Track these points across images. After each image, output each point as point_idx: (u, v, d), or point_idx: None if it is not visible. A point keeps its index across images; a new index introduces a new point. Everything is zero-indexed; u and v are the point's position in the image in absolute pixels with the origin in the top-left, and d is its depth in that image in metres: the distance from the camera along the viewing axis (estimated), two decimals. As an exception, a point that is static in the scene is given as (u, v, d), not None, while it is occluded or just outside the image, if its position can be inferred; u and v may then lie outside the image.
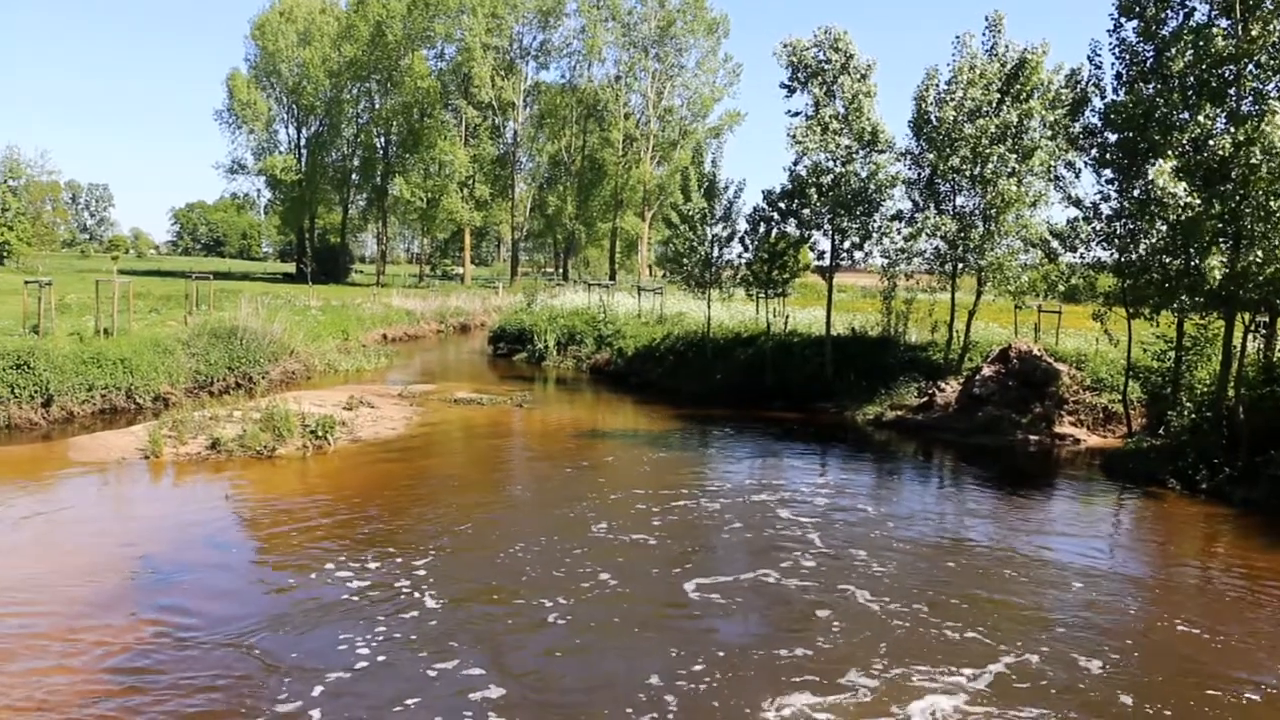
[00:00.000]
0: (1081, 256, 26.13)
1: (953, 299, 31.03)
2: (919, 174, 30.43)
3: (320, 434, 21.74)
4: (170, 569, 13.60)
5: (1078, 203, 25.14)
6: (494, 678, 10.41)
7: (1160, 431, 23.31)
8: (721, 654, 11.15)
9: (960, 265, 30.04)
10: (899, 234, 30.97)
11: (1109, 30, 22.97)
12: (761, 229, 33.60)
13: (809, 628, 12.11)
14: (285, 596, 12.59)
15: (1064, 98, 25.68)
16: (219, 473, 19.44)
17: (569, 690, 10.29)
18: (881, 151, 30.90)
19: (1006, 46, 28.69)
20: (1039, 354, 27.47)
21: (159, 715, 9.41)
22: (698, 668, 10.73)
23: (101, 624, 11.48)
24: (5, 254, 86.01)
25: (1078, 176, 26.11)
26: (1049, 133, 27.72)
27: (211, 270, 55.07)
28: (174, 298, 45.76)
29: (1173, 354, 24.17)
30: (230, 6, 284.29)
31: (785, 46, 31.16)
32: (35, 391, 23.63)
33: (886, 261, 31.91)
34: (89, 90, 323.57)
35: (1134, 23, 22.47)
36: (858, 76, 30.56)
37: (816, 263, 33.36)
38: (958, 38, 29.23)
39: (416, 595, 12.71)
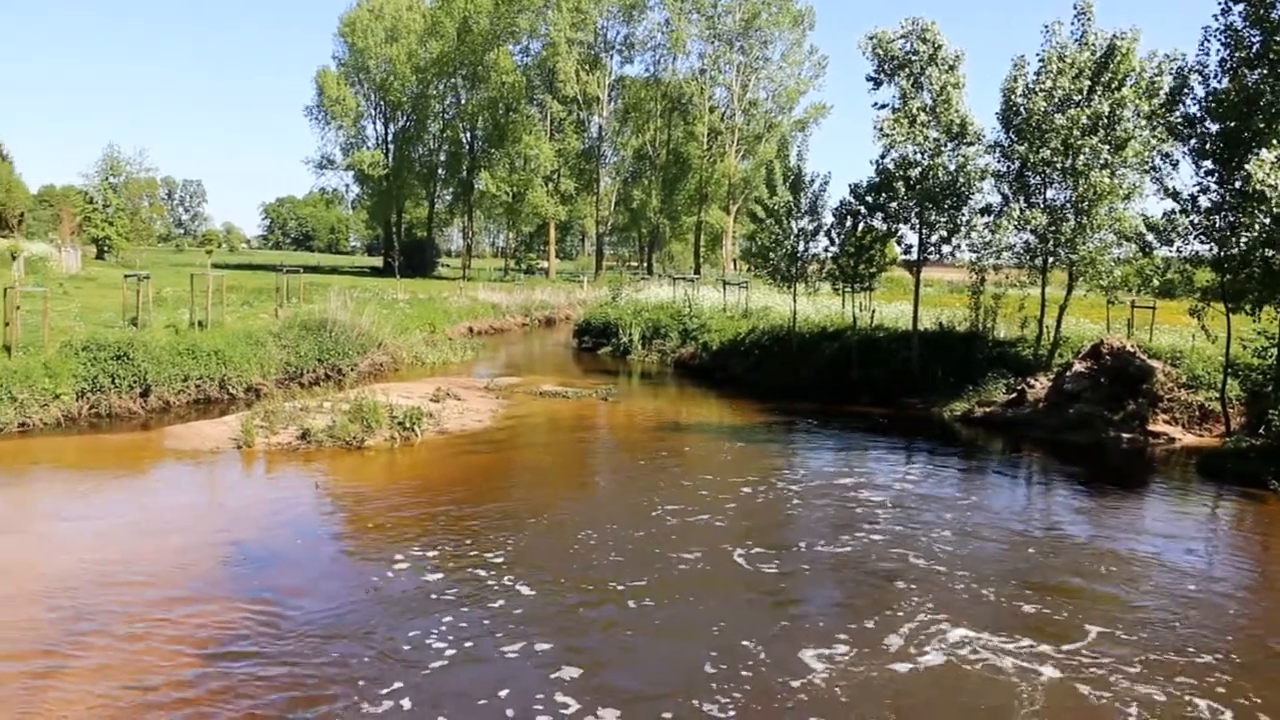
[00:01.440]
0: (1178, 250, 25.45)
1: (1043, 294, 30.49)
2: (1008, 167, 29.88)
3: (408, 426, 21.99)
4: (261, 555, 13.87)
5: (1175, 195, 24.53)
6: (575, 661, 10.46)
7: (1261, 431, 22.64)
8: (800, 628, 11.08)
9: (1051, 259, 29.50)
10: (987, 228, 30.49)
11: (1215, 14, 22.40)
12: (848, 223, 33.29)
13: (887, 600, 12.03)
14: (372, 584, 12.75)
15: (1160, 85, 25.05)
16: (309, 463, 19.77)
17: (649, 671, 10.29)
18: (970, 144, 30.41)
19: (1096, 34, 28.06)
20: (1132, 350, 26.87)
21: (250, 695, 9.59)
22: (777, 648, 10.67)
23: (196, 606, 11.74)
24: (105, 248, 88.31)
25: (1175, 167, 25.44)
26: (1143, 122, 27.09)
27: (301, 264, 56.05)
28: (265, 291, 46.66)
29: (1275, 350, 23.47)
30: (321, 5, 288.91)
31: (871, 39, 30.82)
32: (134, 381, 24.21)
33: (975, 256, 31.46)
34: (185, 90, 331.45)
35: (1241, 6, 21.85)
36: (946, 68, 30.11)
37: (903, 257, 33.02)
38: (1046, 26, 28.67)
39: (502, 583, 12.79)
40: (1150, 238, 26.13)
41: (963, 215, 30.80)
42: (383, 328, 36.24)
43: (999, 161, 30.18)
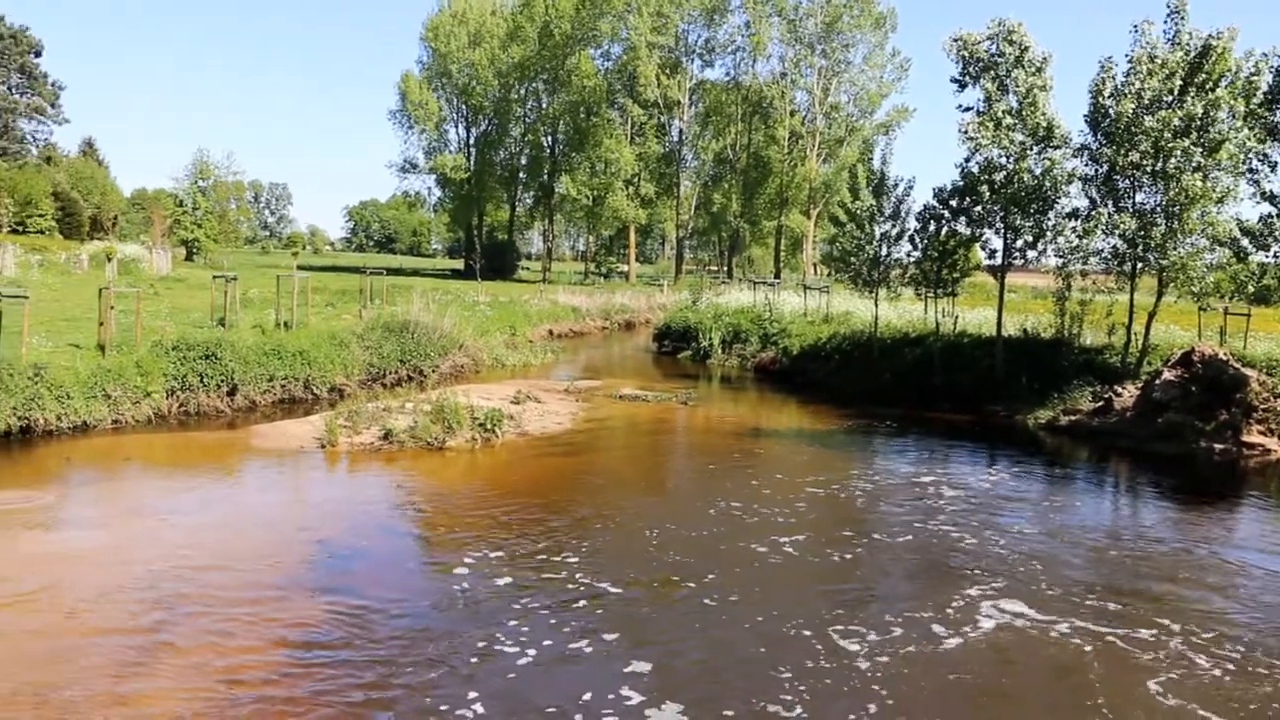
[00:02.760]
0: (1275, 255, 24.80)
1: (1131, 300, 29.86)
2: (1096, 170, 29.32)
3: (488, 427, 22.16)
4: (345, 553, 14.07)
5: (1272, 198, 23.90)
6: (650, 658, 10.49)
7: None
8: (879, 619, 10.99)
9: (1140, 265, 28.88)
10: (1074, 232, 29.94)
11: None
12: (931, 227, 32.94)
13: (962, 594, 11.88)
14: (452, 584, 12.86)
15: (1258, 85, 24.37)
16: (391, 463, 20.00)
17: (726, 669, 10.25)
18: (1057, 147, 29.90)
19: (1190, 34, 27.41)
20: (1225, 358, 26.20)
21: (332, 691, 9.73)
22: (852, 646, 10.58)
23: (282, 602, 11.94)
24: (194, 250, 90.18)
25: (1274, 170, 24.78)
26: (1239, 124, 26.43)
27: (383, 266, 56.68)
28: (348, 292, 47.32)
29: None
30: (404, 10, 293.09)
31: (956, 40, 30.45)
32: (221, 381, 24.69)
33: (1060, 261, 30.92)
34: (273, 94, 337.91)
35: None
36: (1032, 70, 29.62)
37: (987, 262, 32.50)
38: (1135, 26, 28.06)
39: (581, 583, 12.85)
40: (1245, 242, 25.49)
41: (1049, 220, 30.28)
42: (464, 330, 36.57)
43: (1086, 165, 29.62)
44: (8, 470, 18.15)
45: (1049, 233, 30.34)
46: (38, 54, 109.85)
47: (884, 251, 35.10)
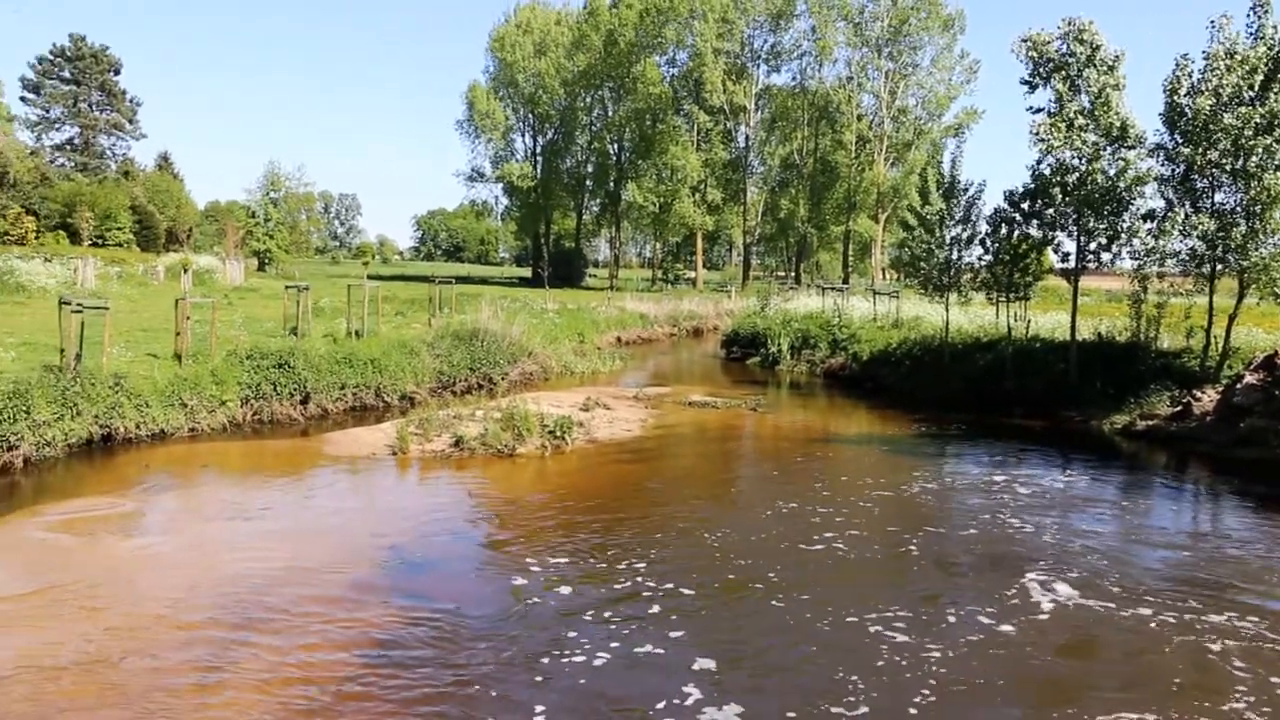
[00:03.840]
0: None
1: (1210, 302, 29.19)
2: (1173, 170, 28.73)
3: (558, 434, 22.21)
4: (417, 560, 14.19)
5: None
6: (719, 661, 10.45)
7: None
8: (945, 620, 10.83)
9: (1219, 266, 28.26)
10: (1150, 234, 29.37)
11: None
12: (1002, 230, 32.49)
13: (1032, 591, 11.65)
14: (524, 590, 12.90)
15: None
16: (461, 470, 20.13)
17: (790, 671, 10.16)
18: (1131, 147, 29.34)
19: (1275, 27, 26.75)
20: (1309, 361, 25.56)
21: (404, 697, 9.79)
22: (926, 652, 10.45)
23: (356, 607, 12.06)
24: (266, 261, 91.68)
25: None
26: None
27: (452, 275, 57.20)
28: (418, 301, 47.82)
29: None
30: (472, 21, 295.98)
31: (1025, 41, 30.01)
32: (294, 389, 25.01)
33: (1136, 263, 30.33)
34: (341, 107, 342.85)
35: None
36: (1105, 69, 29.11)
37: (1060, 265, 31.97)
38: (1213, 22, 27.48)
39: (650, 587, 12.83)
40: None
41: (1123, 221, 29.73)
42: (532, 337, 36.75)
43: (1162, 165, 29.03)
44: (90, 477, 18.55)
45: (1124, 235, 29.79)
46: (117, 72, 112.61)
47: (954, 256, 34.68)
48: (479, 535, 15.87)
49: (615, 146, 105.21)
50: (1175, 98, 28.05)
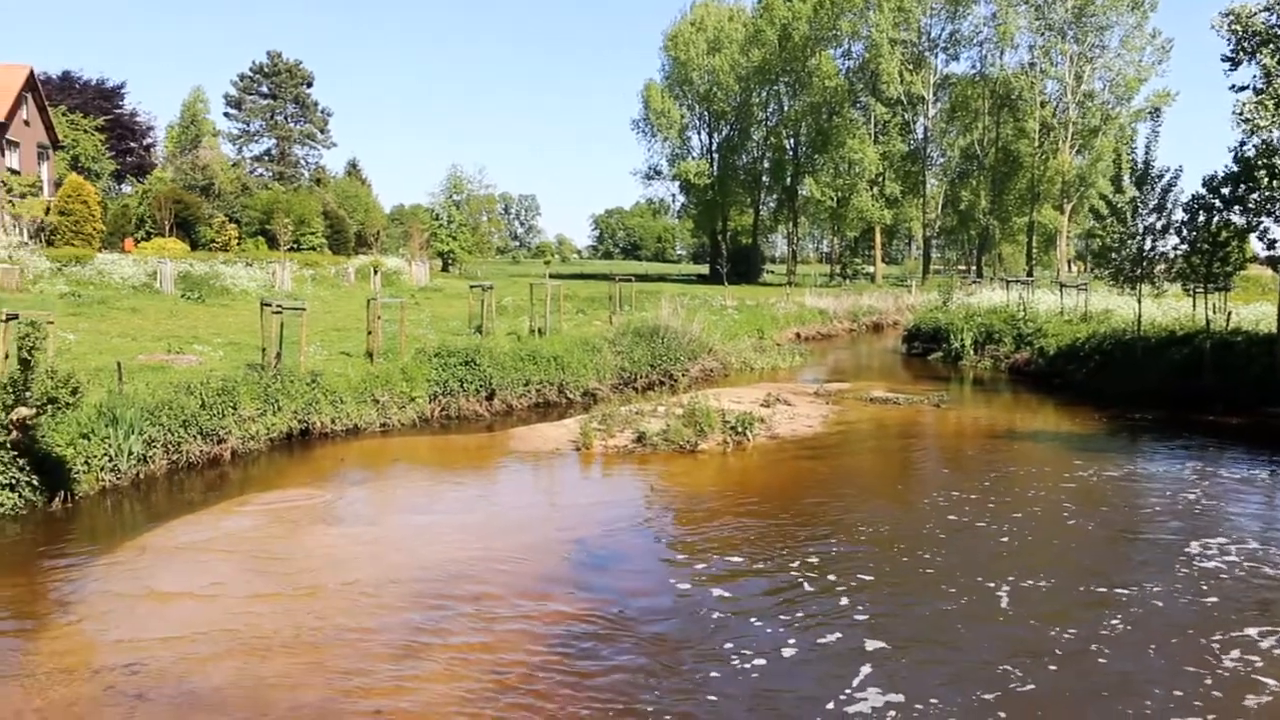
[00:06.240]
0: None
1: None
2: (1397, 148, 26.93)
3: (740, 430, 22.12)
4: (602, 554, 14.34)
5: None
6: (894, 664, 10.21)
7: None
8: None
9: None
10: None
11: None
12: (1200, 218, 30.92)
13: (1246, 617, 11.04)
14: (705, 587, 12.89)
15: None
16: (644, 465, 20.25)
17: (966, 679, 9.88)
18: (1348, 125, 27.61)
19: None
20: None
21: (590, 689, 9.89)
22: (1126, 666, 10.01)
23: (543, 600, 12.26)
24: (450, 261, 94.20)
25: None
26: None
27: (630, 273, 57.69)
28: (597, 299, 48.37)
29: None
30: (647, 21, 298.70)
31: (1227, 15, 28.45)
32: (480, 386, 25.60)
33: (1352, 249, 28.51)
34: (520, 109, 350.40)
35: None
36: (1318, 41, 27.45)
37: (1266, 253, 30.25)
38: None
39: (830, 587, 12.67)
40: None
41: (1339, 205, 27.99)
42: (712, 334, 36.79)
43: (1384, 143, 27.23)
44: (290, 470, 19.36)
45: (1339, 219, 28.03)
46: (309, 85, 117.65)
47: (1148, 245, 33.18)
48: (661, 531, 15.93)
49: (791, 141, 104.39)
50: (1396, 70, 26.25)
